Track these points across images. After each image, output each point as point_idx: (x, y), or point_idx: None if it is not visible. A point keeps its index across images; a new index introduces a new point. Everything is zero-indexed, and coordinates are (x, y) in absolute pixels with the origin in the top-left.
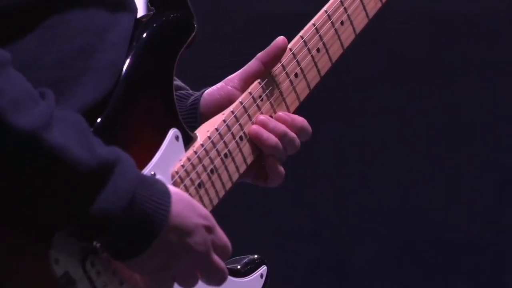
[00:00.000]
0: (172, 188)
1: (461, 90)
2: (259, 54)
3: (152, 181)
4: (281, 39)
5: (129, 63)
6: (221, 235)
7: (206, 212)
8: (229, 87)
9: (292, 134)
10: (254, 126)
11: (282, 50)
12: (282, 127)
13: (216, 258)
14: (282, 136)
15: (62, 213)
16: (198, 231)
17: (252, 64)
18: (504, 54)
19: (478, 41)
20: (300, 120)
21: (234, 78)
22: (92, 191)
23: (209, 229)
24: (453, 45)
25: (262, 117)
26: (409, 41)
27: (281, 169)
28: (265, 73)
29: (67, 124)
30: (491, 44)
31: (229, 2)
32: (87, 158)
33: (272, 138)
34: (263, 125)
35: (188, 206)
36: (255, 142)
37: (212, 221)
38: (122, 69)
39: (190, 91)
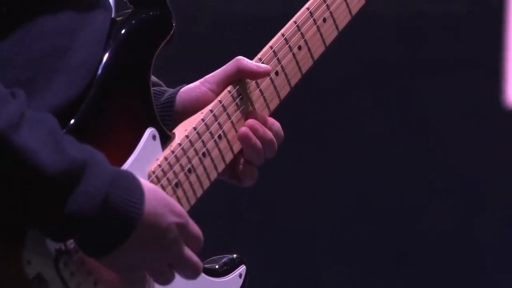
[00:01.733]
0: (146, 185)
1: (428, 92)
2: (240, 61)
3: (126, 178)
4: (268, 68)
5: (105, 61)
6: (194, 229)
7: (180, 209)
8: (205, 88)
9: (275, 141)
10: (244, 129)
11: (261, 76)
12: (270, 135)
13: (188, 253)
14: (267, 143)
15: (34, 214)
16: (171, 229)
17: (230, 68)
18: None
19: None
20: (278, 125)
21: (210, 78)
22: (63, 192)
23: (182, 226)
24: (420, 47)
25: (253, 122)
26: (377, 44)
27: (256, 171)
28: (241, 78)
29: (38, 125)
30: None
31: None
32: (56, 161)
33: (258, 144)
34: (253, 130)
35: (161, 204)
36: (241, 143)
37: (186, 218)
38: (97, 68)
39: (165, 88)
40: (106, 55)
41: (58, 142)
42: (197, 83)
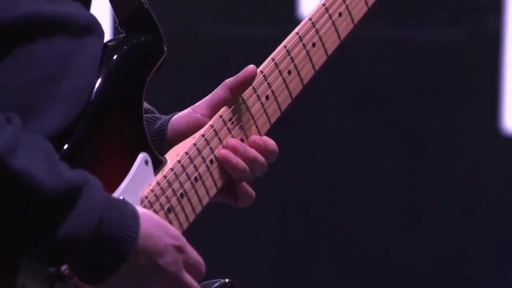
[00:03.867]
0: (140, 210)
1: (418, 113)
2: (227, 81)
3: (120, 203)
4: (250, 67)
5: (97, 88)
6: (193, 254)
7: (176, 232)
8: (197, 114)
9: (262, 159)
10: (223, 151)
11: (251, 79)
12: (252, 152)
13: (188, 277)
14: (251, 161)
15: (29, 238)
16: (168, 251)
17: (220, 91)
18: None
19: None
20: (272, 144)
21: (201, 104)
22: (58, 215)
23: (179, 249)
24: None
25: (233, 141)
26: (371, 66)
27: (251, 191)
28: (235, 98)
29: (33, 149)
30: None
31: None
32: (53, 183)
33: (241, 163)
34: (234, 150)
35: (157, 227)
36: (223, 166)
37: (183, 241)
38: (90, 94)
39: (157, 115)
40: (98, 81)
41: (54, 165)
42: (188, 110)
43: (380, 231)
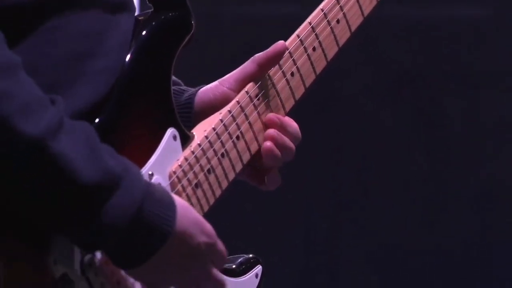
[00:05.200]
0: (178, 201)
1: (447, 101)
2: (256, 56)
3: (159, 194)
4: (280, 43)
5: (127, 63)
6: (221, 248)
7: (210, 228)
8: (224, 88)
9: (293, 147)
10: (270, 144)
11: (280, 55)
12: (289, 142)
13: (215, 272)
14: (286, 150)
15: (65, 222)
16: (200, 248)
17: (248, 66)
18: (489, 65)
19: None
20: (294, 125)
21: (229, 78)
22: (97, 202)
23: (210, 246)
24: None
25: (273, 132)
26: (396, 51)
27: (278, 176)
28: (262, 74)
29: (75, 133)
30: (477, 54)
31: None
32: (92, 170)
33: (279, 154)
34: (274, 140)
35: (193, 222)
36: (264, 155)
37: (214, 238)
38: (120, 71)
39: (184, 87)
40: (128, 57)
41: (95, 151)
42: (215, 83)
43: (405, 221)
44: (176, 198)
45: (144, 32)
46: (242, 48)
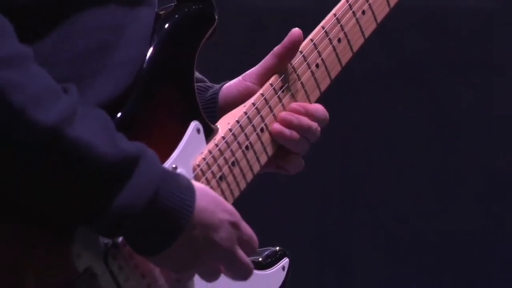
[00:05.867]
0: (196, 184)
1: (457, 89)
2: (275, 49)
3: (176, 176)
4: (296, 31)
5: (149, 56)
6: (247, 230)
7: (231, 207)
8: (247, 83)
9: (315, 125)
10: (276, 125)
11: (297, 43)
12: (306, 122)
13: (241, 253)
14: (305, 131)
15: (85, 209)
16: (224, 226)
17: (268, 60)
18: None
19: (474, 40)
20: (321, 109)
21: (251, 73)
22: (115, 186)
23: (234, 225)
24: (450, 44)
25: (285, 114)
26: (407, 40)
27: (301, 160)
28: (284, 66)
29: (90, 119)
30: (487, 44)
31: None
32: (110, 154)
33: (295, 135)
34: (287, 123)
35: (213, 202)
36: (278, 140)
37: (237, 216)
38: (142, 64)
39: (209, 84)
40: (150, 50)
41: (111, 136)
42: (239, 78)
43: (415, 210)
44: (194, 181)
45: (167, 25)
46: (243, 41)
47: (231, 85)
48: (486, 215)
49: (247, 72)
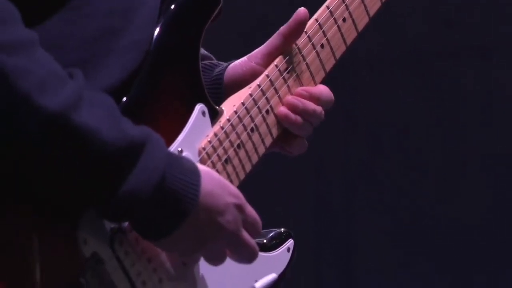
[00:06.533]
0: (201, 167)
1: (459, 75)
2: (281, 29)
3: (181, 160)
4: (301, 10)
5: (155, 39)
6: (252, 213)
7: (236, 190)
8: (253, 63)
9: (319, 109)
10: (282, 109)
11: (303, 22)
12: (311, 106)
13: (246, 236)
14: (310, 116)
15: (92, 194)
16: (229, 210)
17: (274, 40)
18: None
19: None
20: (325, 92)
21: (257, 53)
22: (121, 171)
23: (239, 208)
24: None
25: (291, 99)
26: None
27: (305, 142)
28: (289, 46)
29: (96, 104)
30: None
31: None
32: (116, 139)
33: (300, 120)
34: (293, 107)
35: (218, 185)
36: (283, 124)
37: (243, 200)
38: (149, 47)
39: (215, 61)
40: (156, 33)
41: (116, 121)
42: (244, 58)
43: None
44: (199, 164)
45: (172, 6)
46: (250, 23)
47: (236, 65)
48: (492, 198)
49: (252, 53)
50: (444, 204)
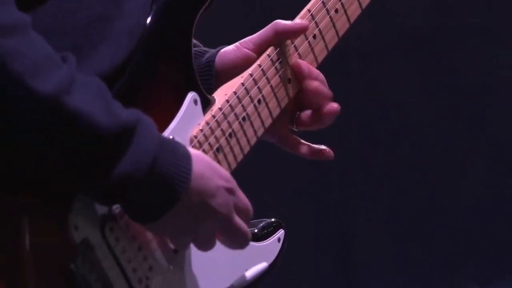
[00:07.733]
0: (192, 151)
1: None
2: (278, 24)
3: (172, 143)
4: (305, 23)
5: (148, 26)
6: (243, 197)
7: (227, 174)
8: (245, 49)
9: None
10: (316, 83)
11: (301, 32)
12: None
13: (238, 220)
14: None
15: (84, 177)
16: (220, 193)
17: (268, 31)
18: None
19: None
20: (322, 76)
21: (248, 41)
22: (113, 154)
23: (231, 191)
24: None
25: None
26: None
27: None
28: (280, 43)
29: (88, 88)
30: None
31: None
32: (107, 122)
33: (327, 92)
34: (322, 81)
35: (209, 168)
36: (313, 96)
37: (234, 183)
38: (141, 34)
39: (204, 48)
40: (148, 20)
41: (108, 104)
42: (236, 44)
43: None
44: (189, 148)
45: None
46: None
47: (228, 50)
48: (493, 187)
49: (244, 39)
50: (443, 198)
